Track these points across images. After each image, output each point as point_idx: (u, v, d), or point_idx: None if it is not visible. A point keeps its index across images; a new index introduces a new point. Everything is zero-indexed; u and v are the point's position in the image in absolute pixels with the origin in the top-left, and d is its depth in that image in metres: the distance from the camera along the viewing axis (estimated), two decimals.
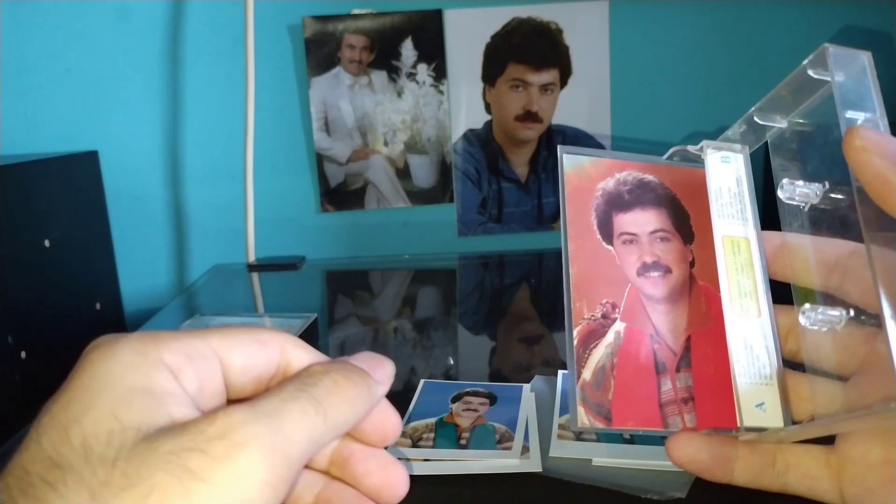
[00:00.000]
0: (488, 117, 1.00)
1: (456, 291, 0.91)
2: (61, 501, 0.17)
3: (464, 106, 1.00)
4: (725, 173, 0.34)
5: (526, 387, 0.51)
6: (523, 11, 0.97)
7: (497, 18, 0.98)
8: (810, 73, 0.30)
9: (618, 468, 0.41)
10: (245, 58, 0.90)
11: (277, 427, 0.19)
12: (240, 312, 0.77)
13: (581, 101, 1.00)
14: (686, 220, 0.35)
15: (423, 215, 1.03)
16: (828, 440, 0.31)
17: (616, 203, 0.34)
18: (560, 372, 0.52)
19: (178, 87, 0.98)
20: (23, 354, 0.72)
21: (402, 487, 0.24)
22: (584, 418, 0.29)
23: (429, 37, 0.97)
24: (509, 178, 1.02)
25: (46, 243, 0.80)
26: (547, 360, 0.63)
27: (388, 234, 1.04)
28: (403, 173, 1.01)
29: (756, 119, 0.34)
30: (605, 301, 0.32)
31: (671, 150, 0.36)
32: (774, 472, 0.31)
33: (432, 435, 0.45)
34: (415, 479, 0.42)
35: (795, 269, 0.32)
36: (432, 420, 0.47)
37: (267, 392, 0.21)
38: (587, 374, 0.30)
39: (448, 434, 0.45)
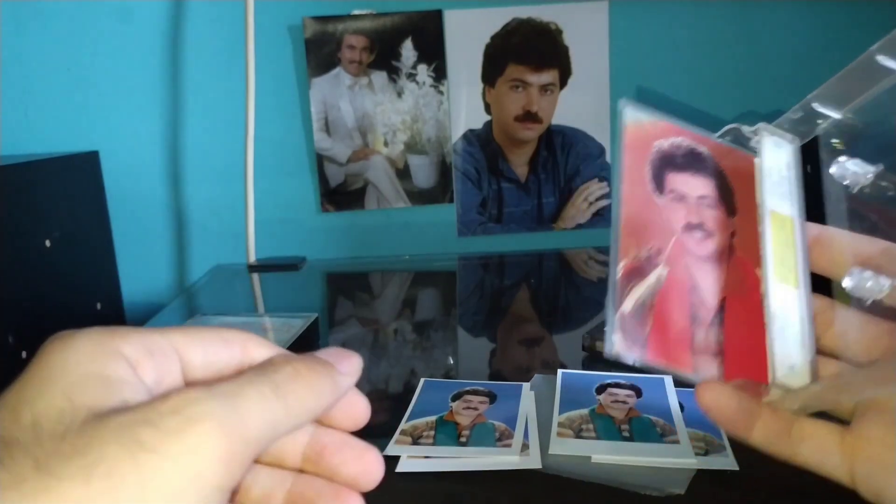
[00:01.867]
0: (488, 117, 1.00)
1: (456, 292, 0.91)
2: (4, 472, 0.17)
3: (464, 106, 1.00)
4: (777, 156, 0.35)
5: (525, 385, 0.51)
6: (523, 12, 0.98)
7: (497, 19, 0.98)
8: (879, 58, 0.30)
9: (617, 465, 0.41)
10: (245, 58, 0.90)
11: (232, 405, 0.19)
12: (240, 312, 0.77)
13: (581, 102, 1.00)
14: (731, 195, 0.36)
15: (423, 215, 1.04)
16: (845, 423, 0.32)
17: (669, 162, 0.35)
18: (560, 371, 0.52)
19: (178, 88, 0.98)
20: (23, 354, 0.72)
21: (378, 472, 0.24)
22: (620, 345, 0.29)
23: (429, 37, 0.97)
24: (509, 179, 1.02)
25: (47, 243, 0.80)
26: (546, 361, 0.63)
27: (389, 234, 1.05)
28: (403, 173, 1.01)
29: (814, 106, 0.35)
30: (650, 245, 0.33)
31: (725, 128, 0.37)
32: (789, 440, 0.31)
33: (433, 433, 0.45)
34: (415, 476, 0.42)
35: (831, 261, 0.33)
36: (433, 418, 0.47)
37: (229, 378, 0.21)
38: (627, 305, 0.31)
39: (448, 432, 0.45)
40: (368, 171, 1.01)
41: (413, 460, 0.43)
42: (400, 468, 0.42)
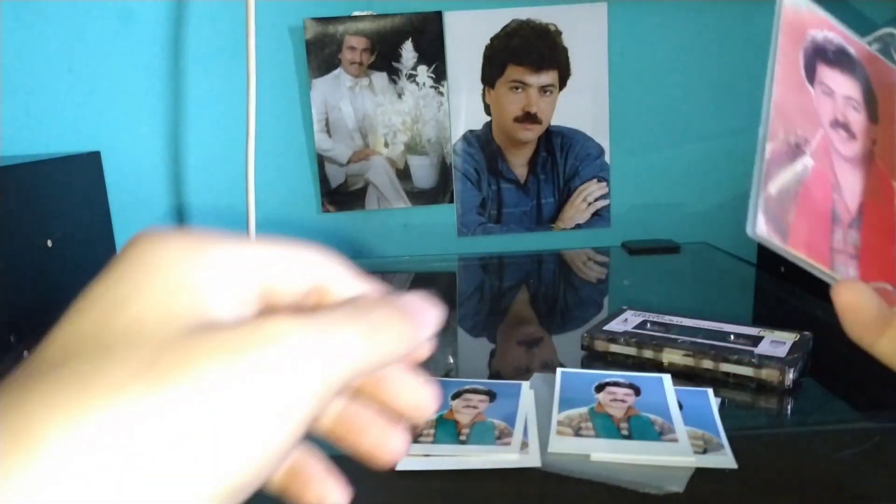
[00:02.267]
0: (488, 118, 1.01)
1: (456, 292, 0.91)
2: (103, 378, 0.17)
3: (463, 107, 1.01)
4: None
5: (525, 384, 0.51)
6: (522, 13, 0.98)
7: (496, 20, 0.98)
8: None
9: (615, 463, 0.41)
10: (246, 59, 0.90)
11: (332, 340, 0.19)
12: None
13: (580, 103, 1.01)
14: (874, 102, 0.36)
15: (423, 216, 1.04)
16: None
17: (821, 55, 0.35)
18: (559, 370, 0.53)
19: (179, 88, 0.99)
20: (25, 354, 0.72)
21: (433, 404, 0.24)
22: (762, 227, 0.29)
23: (429, 39, 0.98)
24: (509, 179, 1.03)
25: (49, 243, 0.80)
26: (546, 360, 0.63)
27: (389, 234, 1.05)
28: (404, 174, 1.01)
29: None
30: (799, 132, 0.32)
31: (877, 33, 0.37)
32: None
33: (432, 431, 0.45)
34: (415, 474, 0.42)
35: None
36: (432, 416, 0.47)
37: (321, 310, 0.21)
38: (773, 188, 0.30)
39: (448, 430, 0.45)
40: (369, 172, 1.01)
41: (413, 458, 0.43)
42: (400, 466, 0.42)
